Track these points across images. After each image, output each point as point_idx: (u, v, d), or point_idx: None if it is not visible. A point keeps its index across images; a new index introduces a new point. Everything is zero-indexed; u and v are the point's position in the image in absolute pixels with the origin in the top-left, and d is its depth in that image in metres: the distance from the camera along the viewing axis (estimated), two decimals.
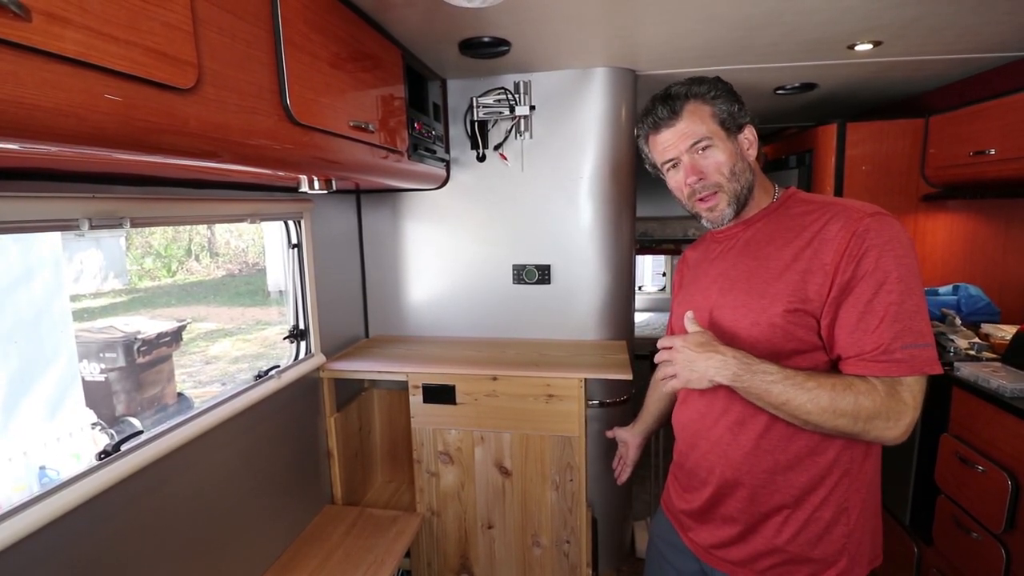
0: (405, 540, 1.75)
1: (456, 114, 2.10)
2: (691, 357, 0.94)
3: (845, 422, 0.86)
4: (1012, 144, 1.71)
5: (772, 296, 0.95)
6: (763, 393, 0.90)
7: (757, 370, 0.90)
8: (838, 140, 2.28)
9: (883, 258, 0.86)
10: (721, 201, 1.02)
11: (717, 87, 1.01)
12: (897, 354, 0.85)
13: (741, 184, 1.01)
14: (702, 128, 0.99)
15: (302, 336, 1.83)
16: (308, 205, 1.78)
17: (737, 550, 1.03)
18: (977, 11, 1.47)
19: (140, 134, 0.71)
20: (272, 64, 0.98)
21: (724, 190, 1.01)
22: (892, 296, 0.85)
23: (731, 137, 1.01)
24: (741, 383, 0.91)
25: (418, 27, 1.50)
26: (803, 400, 0.87)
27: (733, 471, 1.01)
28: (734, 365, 0.90)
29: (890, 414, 0.85)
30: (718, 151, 1.00)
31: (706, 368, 0.92)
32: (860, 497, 0.96)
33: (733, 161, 1.00)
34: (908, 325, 0.85)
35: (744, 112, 1.02)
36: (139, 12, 0.67)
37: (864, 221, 0.89)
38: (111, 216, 1.07)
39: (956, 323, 1.92)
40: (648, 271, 5.89)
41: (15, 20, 0.52)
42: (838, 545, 0.96)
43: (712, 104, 1.00)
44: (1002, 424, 1.44)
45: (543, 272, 2.14)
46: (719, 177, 1.00)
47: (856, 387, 0.86)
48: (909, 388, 0.86)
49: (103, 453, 1.09)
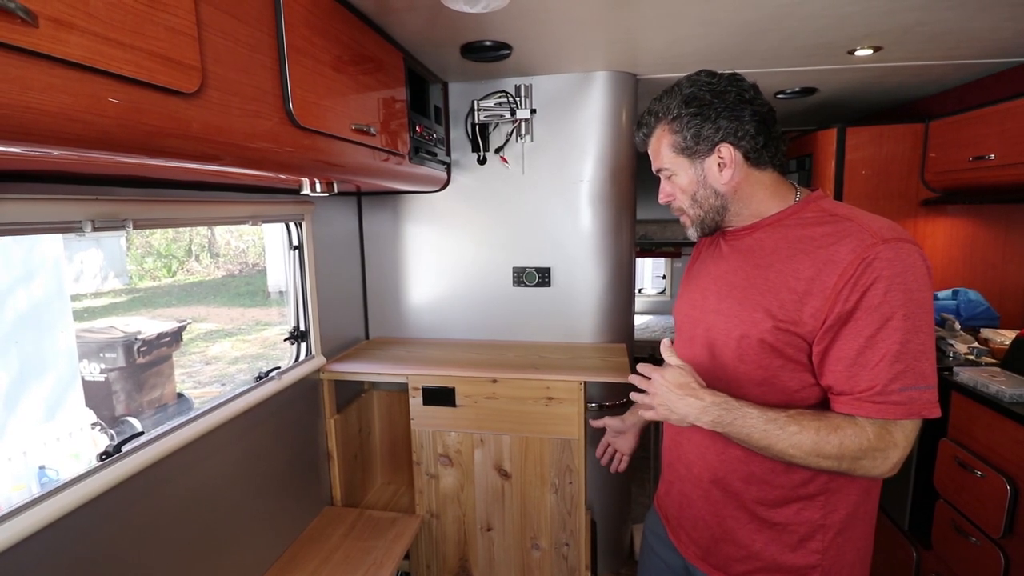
0: (404, 542, 1.76)
1: (457, 117, 2.11)
2: (670, 398, 0.92)
3: (830, 463, 0.84)
4: (1012, 149, 1.71)
5: (765, 310, 0.91)
6: (744, 438, 0.89)
7: (737, 415, 0.88)
8: (838, 144, 2.29)
9: (891, 291, 0.81)
10: (687, 222, 1.06)
11: (687, 105, 0.96)
12: (894, 396, 0.81)
13: (704, 210, 1.01)
14: (661, 157, 1.02)
15: (302, 338, 1.84)
16: (309, 207, 1.79)
17: (712, 551, 1.03)
18: (977, 17, 1.48)
19: (144, 138, 0.71)
20: (275, 68, 0.98)
21: (687, 214, 1.04)
22: (897, 335, 0.80)
23: (696, 162, 0.98)
24: (722, 428, 0.90)
25: (420, 31, 1.51)
26: (785, 445, 0.85)
27: (711, 473, 1.01)
28: (713, 411, 0.89)
29: (877, 454, 0.83)
30: (679, 178, 1.01)
31: (686, 412, 0.91)
32: (839, 517, 0.93)
33: (694, 189, 1.00)
34: (910, 366, 0.81)
35: (720, 129, 0.95)
36: (144, 17, 0.68)
37: (876, 248, 0.82)
38: (114, 218, 1.08)
39: (955, 328, 1.93)
40: (648, 274, 5.90)
41: (22, 25, 0.53)
42: (812, 559, 0.95)
43: (673, 131, 0.98)
44: (1001, 429, 1.44)
45: (543, 275, 2.14)
46: (682, 201, 1.03)
47: (843, 429, 0.83)
48: (902, 429, 0.83)
49: (104, 454, 1.09)
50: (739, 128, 0.95)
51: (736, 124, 0.95)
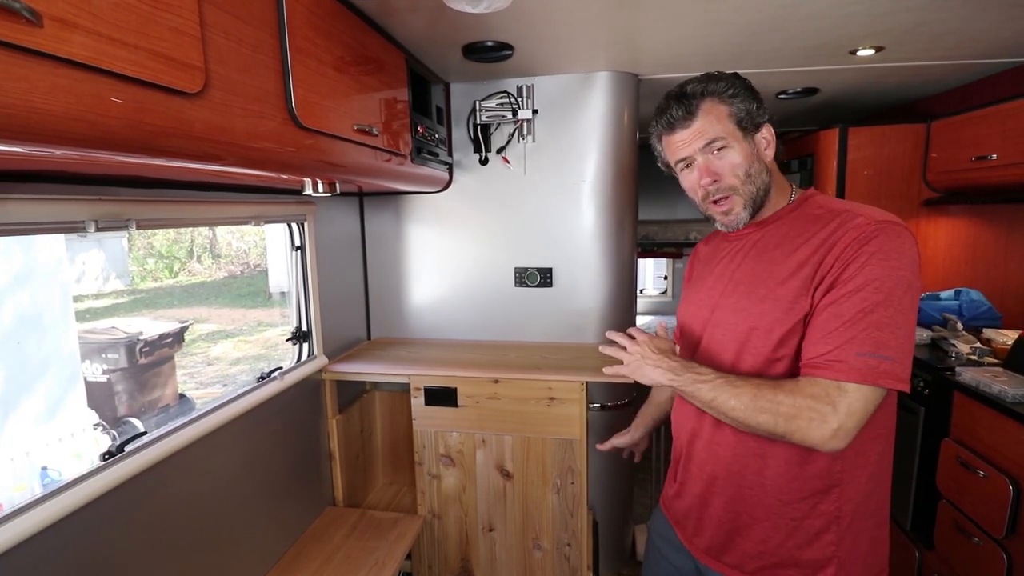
0: (406, 542, 1.76)
1: (459, 117, 2.11)
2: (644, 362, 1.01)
3: (766, 419, 0.86)
4: (1014, 149, 1.71)
5: (772, 302, 0.93)
6: (695, 391, 0.94)
7: (694, 373, 0.95)
8: (840, 144, 2.29)
9: (868, 265, 0.83)
10: (736, 204, 0.99)
11: (735, 84, 0.97)
12: (849, 360, 0.81)
13: (757, 187, 0.98)
14: (718, 128, 0.95)
15: (304, 338, 1.84)
16: (311, 208, 1.79)
17: (727, 549, 1.03)
18: (978, 17, 1.48)
19: (148, 138, 0.71)
20: (278, 68, 0.98)
21: (739, 193, 0.98)
22: (864, 304, 0.82)
23: (748, 137, 0.97)
24: (675, 384, 0.97)
25: (422, 31, 1.51)
26: (727, 397, 0.90)
27: (723, 471, 1.01)
28: (674, 369, 0.98)
29: (813, 414, 0.82)
30: (734, 152, 0.96)
31: (653, 372, 1.00)
32: (852, 508, 0.94)
33: (749, 163, 0.96)
34: (871, 334, 0.81)
35: (763, 111, 0.98)
36: (148, 17, 0.68)
37: (869, 228, 0.85)
38: (117, 218, 1.08)
39: (958, 328, 1.92)
40: (650, 274, 5.90)
41: (26, 25, 0.53)
42: (827, 551, 0.95)
43: (729, 103, 0.96)
44: (1004, 429, 1.44)
45: (545, 275, 2.14)
46: (734, 179, 0.97)
47: (782, 387, 0.86)
48: (847, 396, 0.82)
49: (107, 454, 1.09)
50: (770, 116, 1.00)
51: (767, 112, 0.99)
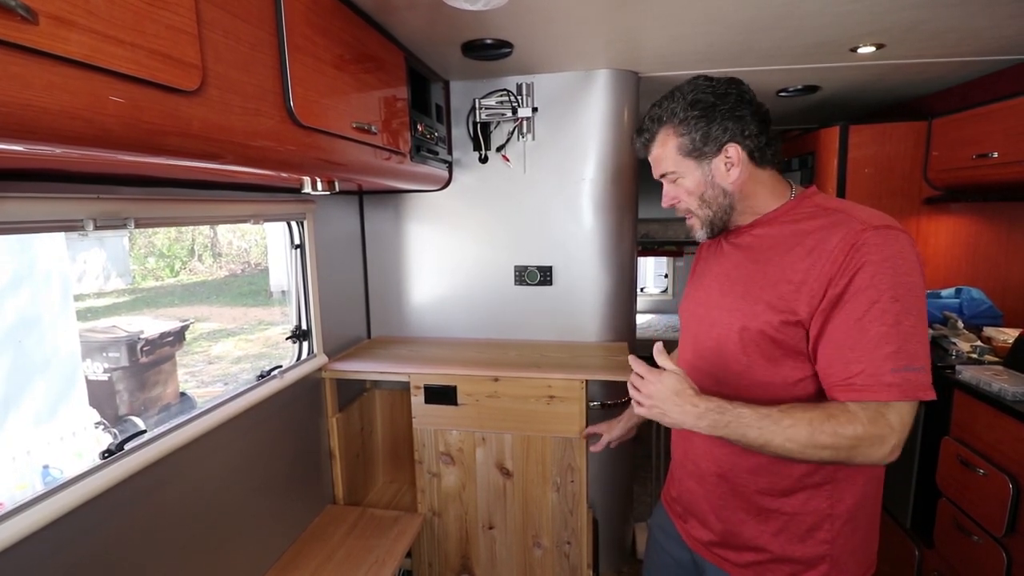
0: (406, 540, 1.76)
1: (459, 116, 2.11)
2: (665, 404, 0.93)
3: (828, 454, 0.84)
4: (1015, 147, 1.71)
5: (765, 303, 0.94)
6: (740, 438, 0.89)
7: (732, 417, 0.88)
8: (840, 142, 2.28)
9: (879, 275, 0.82)
10: (695, 224, 1.05)
11: (692, 108, 0.97)
12: (887, 377, 0.81)
13: (713, 210, 1.01)
14: (668, 162, 1.01)
15: (304, 336, 1.84)
16: (311, 206, 1.79)
17: (722, 543, 1.05)
18: (980, 14, 1.47)
19: (145, 136, 0.71)
20: (276, 66, 0.98)
21: (695, 215, 1.04)
22: (886, 316, 0.82)
23: (703, 163, 0.99)
24: (718, 432, 0.90)
25: (421, 29, 1.51)
26: (781, 440, 0.85)
27: (718, 466, 1.02)
28: (709, 416, 0.89)
29: (873, 440, 0.82)
30: (686, 180, 1.01)
31: (681, 418, 0.91)
32: (847, 506, 0.95)
33: (702, 190, 1.00)
34: (902, 347, 0.81)
35: (727, 131, 0.96)
36: (144, 15, 0.68)
37: (865, 234, 0.85)
38: (115, 217, 1.08)
39: (958, 326, 1.92)
40: (650, 273, 5.90)
41: (22, 23, 0.53)
42: (821, 549, 0.95)
43: (681, 134, 0.98)
44: (1004, 427, 1.43)
45: (545, 274, 2.14)
46: (689, 203, 1.03)
47: (836, 418, 0.83)
48: (897, 412, 0.82)
49: (106, 452, 1.10)
50: (744, 128, 0.97)
51: (741, 124, 0.96)
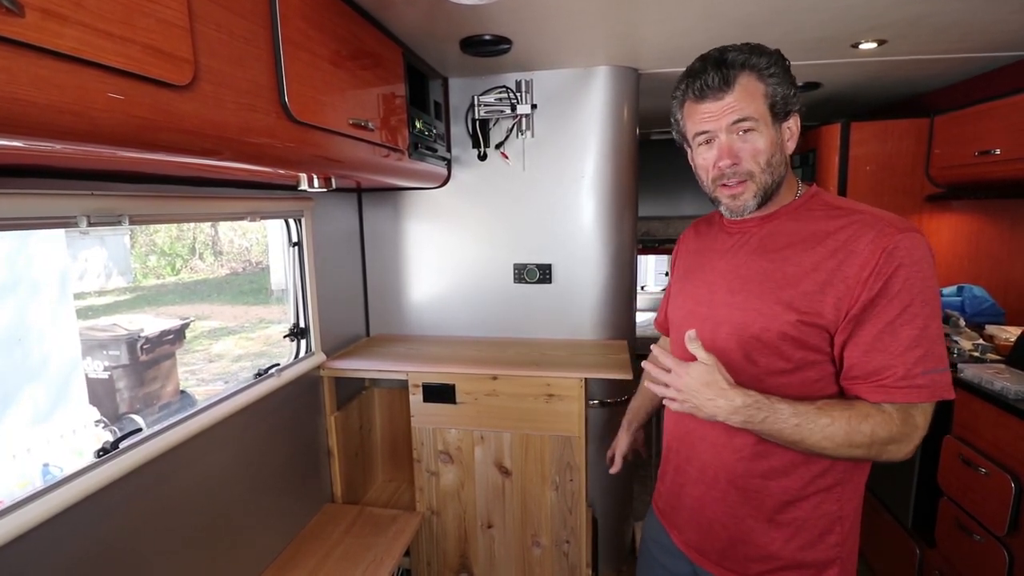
0: (405, 539, 1.75)
1: (457, 112, 2.10)
2: (696, 396, 0.89)
3: (860, 452, 0.86)
4: (1017, 144, 1.69)
5: (786, 303, 0.90)
6: (775, 434, 0.88)
7: (768, 413, 0.86)
8: (842, 139, 2.27)
9: (911, 279, 0.83)
10: (748, 191, 0.93)
11: (778, 64, 0.90)
12: (918, 380, 0.83)
13: (773, 177, 0.93)
14: (751, 107, 0.89)
15: (302, 334, 1.83)
16: (308, 203, 1.78)
17: (728, 553, 1.01)
18: (982, 10, 1.46)
19: (137, 131, 0.70)
20: (270, 61, 0.97)
21: (755, 180, 0.92)
22: (917, 320, 0.83)
23: (776, 124, 0.91)
24: (752, 427, 0.88)
25: (419, 25, 1.50)
26: (818, 438, 0.85)
27: (727, 472, 0.99)
28: (744, 412, 0.87)
29: (903, 439, 0.85)
30: (760, 136, 0.90)
31: (714, 411, 0.88)
32: (853, 507, 0.95)
33: (772, 151, 0.91)
34: (930, 349, 0.83)
35: (796, 98, 0.92)
36: (134, 8, 0.67)
37: (896, 237, 0.84)
38: (110, 213, 1.07)
39: (960, 324, 1.91)
40: (650, 271, 5.88)
41: (7, 16, 0.52)
42: (831, 553, 0.94)
43: (767, 82, 0.89)
44: (1006, 426, 1.43)
45: (544, 271, 2.13)
46: (753, 165, 0.91)
47: (872, 417, 0.84)
48: (923, 412, 0.85)
49: (102, 450, 1.09)
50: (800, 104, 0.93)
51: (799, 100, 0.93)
